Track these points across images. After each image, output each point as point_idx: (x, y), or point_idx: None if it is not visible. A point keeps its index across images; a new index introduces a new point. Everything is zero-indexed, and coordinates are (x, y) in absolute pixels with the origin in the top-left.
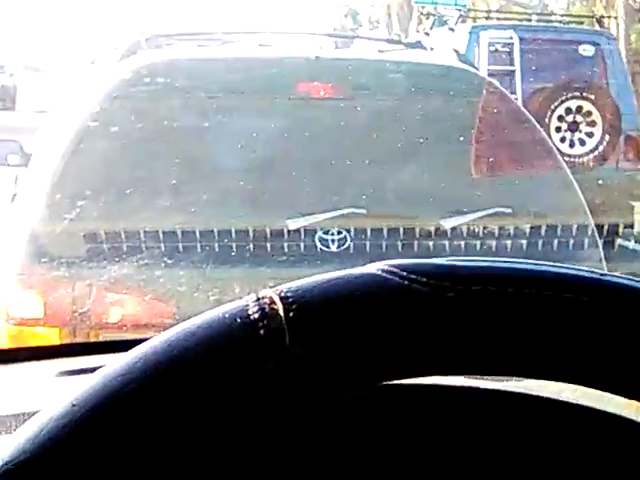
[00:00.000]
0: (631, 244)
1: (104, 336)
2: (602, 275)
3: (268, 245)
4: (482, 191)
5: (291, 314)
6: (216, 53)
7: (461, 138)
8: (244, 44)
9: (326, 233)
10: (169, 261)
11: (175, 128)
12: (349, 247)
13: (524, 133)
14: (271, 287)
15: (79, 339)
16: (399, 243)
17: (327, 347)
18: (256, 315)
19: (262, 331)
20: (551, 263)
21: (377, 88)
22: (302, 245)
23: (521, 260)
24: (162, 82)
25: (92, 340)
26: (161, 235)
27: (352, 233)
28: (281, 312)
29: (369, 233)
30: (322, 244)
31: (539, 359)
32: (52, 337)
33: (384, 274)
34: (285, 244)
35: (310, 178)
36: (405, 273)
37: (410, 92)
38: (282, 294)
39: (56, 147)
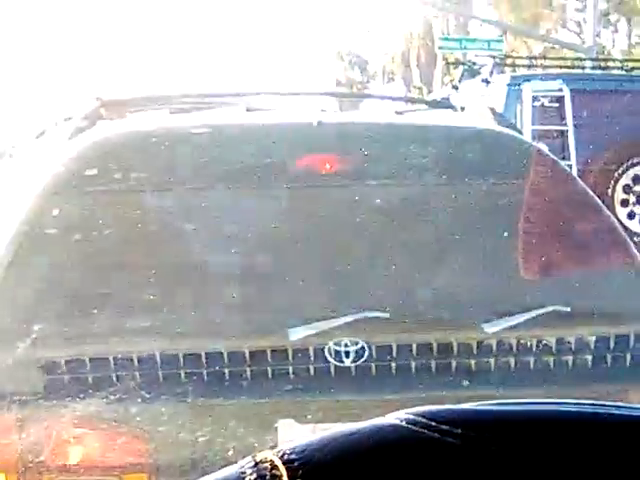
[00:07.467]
0: None
1: None
2: None
3: (269, 369)
4: (533, 287)
5: None
6: (196, 121)
7: (505, 222)
8: (229, 109)
9: (338, 344)
10: (147, 394)
11: (149, 224)
12: (368, 360)
13: (585, 215)
14: (271, 448)
15: None
16: (429, 352)
17: None
18: None
19: None
20: (603, 402)
21: (395, 161)
22: (310, 362)
23: (563, 400)
24: (131, 163)
25: None
26: (136, 361)
27: (371, 342)
28: None
29: (393, 342)
30: (334, 358)
31: None
32: None
33: (408, 425)
34: (289, 363)
35: (316, 278)
36: (434, 423)
37: (437, 165)
38: (285, 457)
39: None
